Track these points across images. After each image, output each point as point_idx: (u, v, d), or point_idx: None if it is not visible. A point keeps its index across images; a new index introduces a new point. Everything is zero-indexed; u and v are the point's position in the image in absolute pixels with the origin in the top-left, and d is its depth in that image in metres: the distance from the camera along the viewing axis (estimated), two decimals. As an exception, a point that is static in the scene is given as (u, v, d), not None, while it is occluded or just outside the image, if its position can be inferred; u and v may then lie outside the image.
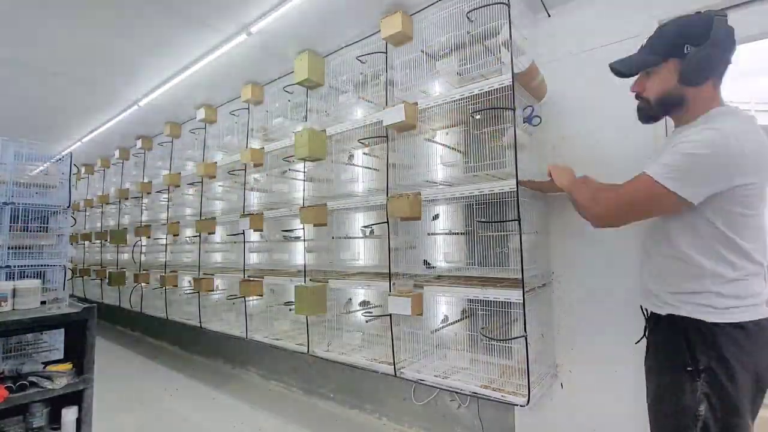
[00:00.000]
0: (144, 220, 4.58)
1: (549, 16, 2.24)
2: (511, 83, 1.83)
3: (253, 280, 3.05)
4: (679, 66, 1.16)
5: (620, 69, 1.27)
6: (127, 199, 4.96)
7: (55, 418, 1.90)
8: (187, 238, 4.04)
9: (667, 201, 1.12)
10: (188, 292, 3.81)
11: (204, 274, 3.64)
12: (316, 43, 2.66)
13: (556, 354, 2.15)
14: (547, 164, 1.66)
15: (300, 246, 2.92)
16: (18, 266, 2.55)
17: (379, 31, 2.28)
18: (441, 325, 2.22)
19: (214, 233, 3.61)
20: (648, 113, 1.29)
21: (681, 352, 1.15)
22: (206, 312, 3.61)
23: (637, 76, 1.30)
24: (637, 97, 1.31)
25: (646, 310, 1.37)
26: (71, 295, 2.16)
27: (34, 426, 1.88)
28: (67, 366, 1.91)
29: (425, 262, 2.33)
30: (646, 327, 1.38)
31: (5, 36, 2.58)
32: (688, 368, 1.13)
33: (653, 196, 1.14)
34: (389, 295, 2.13)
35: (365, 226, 2.69)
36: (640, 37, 1.94)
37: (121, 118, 3.98)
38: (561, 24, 2.21)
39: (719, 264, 1.12)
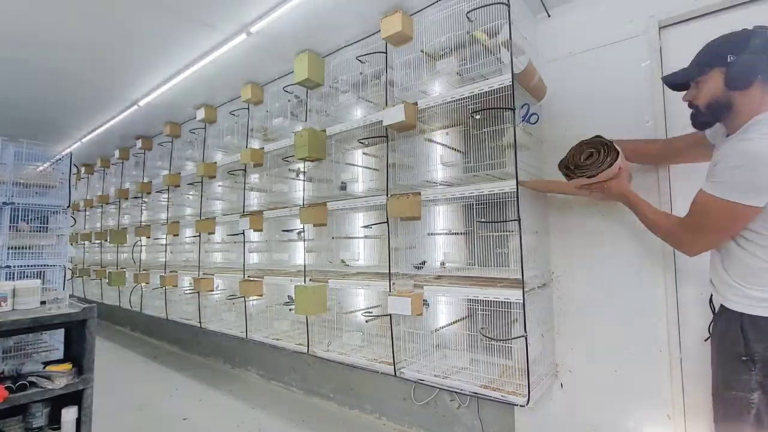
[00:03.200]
0: (144, 220, 4.58)
1: (549, 16, 2.24)
2: (510, 83, 1.83)
3: (253, 280, 3.05)
4: (724, 73, 1.25)
5: (670, 81, 1.40)
6: (126, 199, 4.96)
7: (55, 418, 1.90)
8: (187, 239, 4.04)
9: (738, 213, 1.18)
10: (188, 292, 3.81)
11: (204, 274, 3.64)
12: (316, 43, 2.66)
13: (556, 354, 2.15)
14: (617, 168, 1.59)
15: (300, 246, 2.92)
16: (18, 266, 2.55)
17: (379, 31, 2.28)
18: (441, 326, 2.23)
19: (213, 233, 3.61)
20: (700, 119, 1.37)
21: (737, 343, 1.23)
22: (206, 312, 3.61)
23: (690, 89, 1.39)
24: (690, 105, 1.40)
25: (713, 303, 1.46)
26: (71, 295, 2.16)
27: (34, 426, 1.88)
28: (67, 366, 1.91)
29: (421, 263, 2.32)
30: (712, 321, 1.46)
31: (5, 36, 2.58)
32: (743, 358, 1.21)
33: (724, 214, 1.21)
34: (389, 295, 2.13)
35: (365, 226, 2.69)
36: (640, 38, 1.95)
37: (121, 118, 3.98)
38: (561, 24, 2.21)
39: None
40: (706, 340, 1.56)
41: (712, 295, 1.46)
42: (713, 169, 1.25)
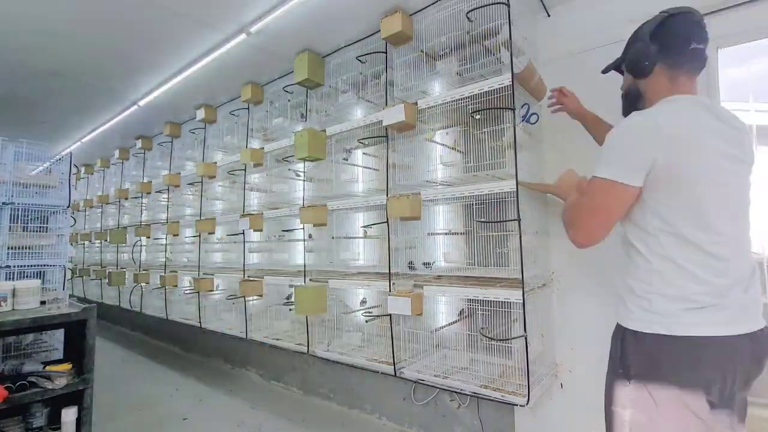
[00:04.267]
0: (144, 220, 4.58)
1: (549, 16, 2.24)
2: (510, 83, 1.83)
3: (253, 280, 3.05)
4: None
5: (604, 71, 1.41)
6: (126, 199, 4.96)
7: (55, 418, 1.90)
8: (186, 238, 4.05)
9: (617, 192, 1.07)
10: (188, 292, 3.81)
11: (204, 274, 3.64)
12: (316, 43, 2.66)
13: (556, 354, 2.15)
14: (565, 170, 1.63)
15: (300, 246, 2.92)
16: (18, 266, 2.55)
17: (379, 31, 2.28)
18: (441, 325, 2.22)
19: (213, 233, 3.61)
20: (623, 108, 1.34)
21: (616, 355, 1.17)
22: (206, 312, 3.61)
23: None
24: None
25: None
26: (71, 295, 2.16)
27: (34, 426, 1.88)
28: (67, 366, 1.91)
29: (426, 263, 2.32)
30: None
31: (5, 36, 2.58)
32: (620, 370, 1.14)
33: (605, 194, 1.10)
34: (389, 295, 2.13)
35: (365, 226, 2.69)
36: (639, 37, 1.95)
37: (121, 118, 3.98)
38: (561, 24, 2.21)
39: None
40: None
41: None
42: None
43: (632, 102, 1.28)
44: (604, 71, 1.38)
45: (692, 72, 1.15)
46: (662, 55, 1.16)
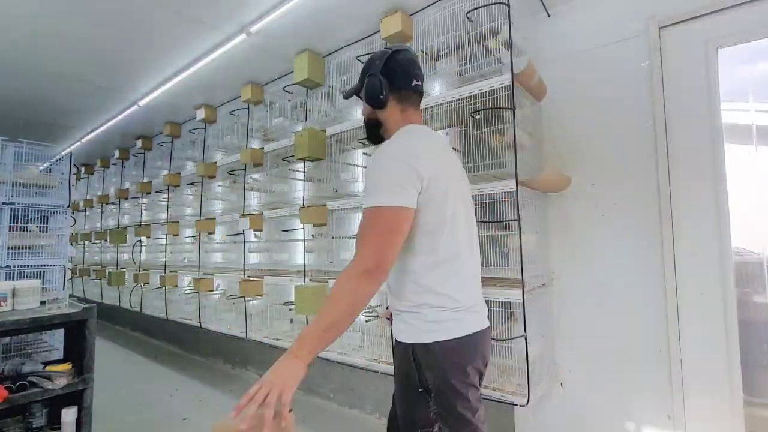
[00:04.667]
0: (144, 220, 4.58)
1: (549, 16, 2.24)
2: (510, 83, 1.83)
3: (253, 280, 3.05)
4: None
5: (345, 96, 1.42)
6: (126, 199, 4.96)
7: (55, 418, 1.90)
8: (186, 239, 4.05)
9: (397, 215, 1.06)
10: (188, 292, 3.81)
11: (204, 274, 3.64)
12: (316, 43, 2.66)
13: (556, 354, 2.15)
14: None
15: (300, 246, 2.92)
16: (18, 266, 2.55)
17: (379, 31, 2.28)
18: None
19: (213, 233, 3.61)
20: (367, 135, 1.39)
21: (411, 374, 1.14)
22: (206, 312, 3.61)
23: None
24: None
25: None
26: (71, 295, 2.16)
27: (34, 426, 1.88)
28: (67, 366, 1.91)
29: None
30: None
31: (5, 36, 2.58)
32: (419, 389, 1.12)
33: (383, 218, 1.07)
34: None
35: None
36: (639, 38, 1.95)
37: (121, 118, 3.98)
38: (561, 24, 2.21)
39: None
40: None
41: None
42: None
43: (373, 129, 1.34)
44: (346, 97, 1.42)
45: (417, 104, 1.31)
46: (393, 90, 1.25)
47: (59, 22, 2.42)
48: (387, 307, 1.31)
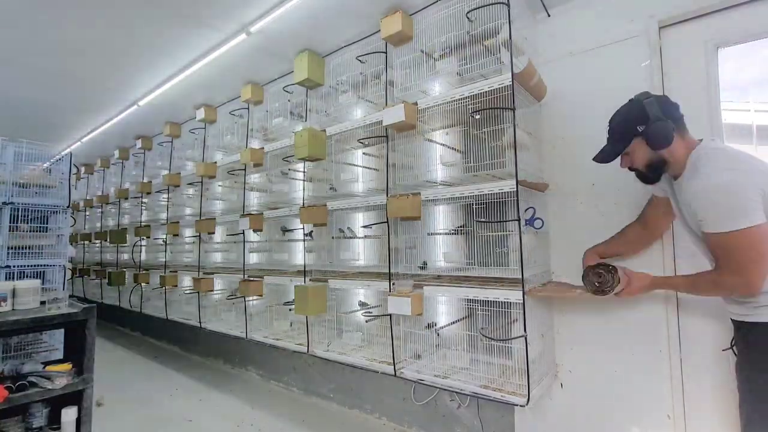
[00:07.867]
0: (144, 220, 4.58)
1: (549, 16, 2.24)
2: (510, 83, 1.83)
3: (253, 280, 3.05)
4: (644, 141, 1.47)
5: (601, 160, 1.58)
6: (126, 199, 4.96)
7: (55, 418, 1.90)
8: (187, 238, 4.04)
9: (761, 233, 1.26)
10: (188, 292, 3.81)
11: (204, 274, 3.64)
12: (316, 43, 2.66)
13: (556, 354, 2.15)
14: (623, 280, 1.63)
15: (300, 246, 2.92)
16: (18, 266, 2.55)
17: (379, 31, 2.28)
18: (440, 326, 2.22)
19: (213, 233, 3.61)
20: (649, 177, 1.56)
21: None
22: (206, 312, 3.61)
23: (619, 159, 1.58)
24: (631, 169, 1.59)
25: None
26: (71, 295, 2.16)
27: (34, 426, 1.88)
28: (67, 366, 1.91)
29: (423, 264, 2.32)
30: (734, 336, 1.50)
31: (5, 36, 2.58)
32: None
33: (751, 240, 1.27)
34: (389, 295, 2.13)
35: (365, 226, 2.69)
36: (640, 38, 1.95)
37: (120, 118, 3.98)
38: (561, 24, 2.21)
39: None
40: (724, 350, 1.61)
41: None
42: (697, 211, 1.36)
43: (657, 170, 1.52)
44: (603, 161, 1.57)
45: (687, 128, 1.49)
46: (676, 124, 1.44)
47: (59, 22, 2.42)
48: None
